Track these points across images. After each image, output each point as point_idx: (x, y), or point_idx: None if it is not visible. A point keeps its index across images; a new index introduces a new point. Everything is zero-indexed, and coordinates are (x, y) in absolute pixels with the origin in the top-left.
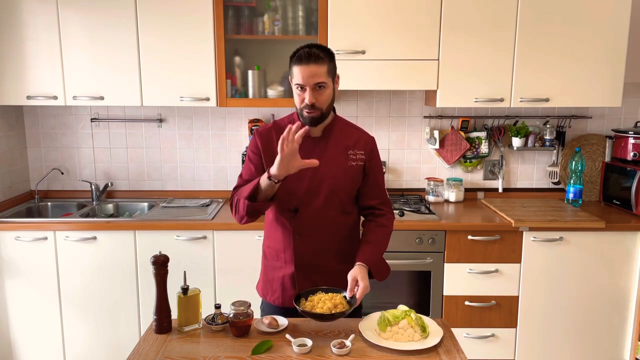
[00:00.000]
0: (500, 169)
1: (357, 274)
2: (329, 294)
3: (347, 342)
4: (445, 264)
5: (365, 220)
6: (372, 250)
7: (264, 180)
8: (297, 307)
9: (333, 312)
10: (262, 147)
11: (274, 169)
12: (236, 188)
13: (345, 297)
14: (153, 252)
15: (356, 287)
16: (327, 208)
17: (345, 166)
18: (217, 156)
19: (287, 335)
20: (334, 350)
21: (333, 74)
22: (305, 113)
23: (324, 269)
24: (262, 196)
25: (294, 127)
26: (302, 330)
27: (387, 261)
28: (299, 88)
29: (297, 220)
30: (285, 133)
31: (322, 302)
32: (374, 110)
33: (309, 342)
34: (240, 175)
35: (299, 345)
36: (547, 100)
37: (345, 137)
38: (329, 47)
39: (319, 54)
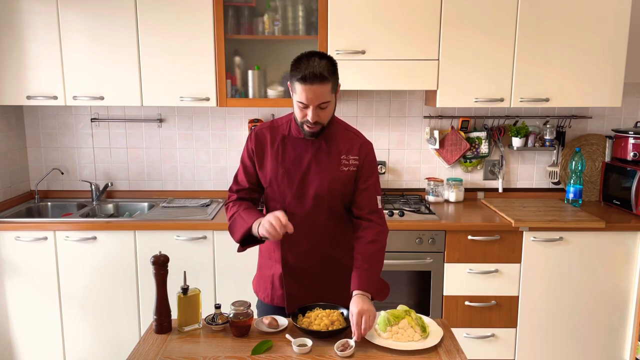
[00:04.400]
0: (500, 169)
1: (359, 307)
2: (326, 310)
3: (351, 343)
4: (445, 264)
5: (354, 237)
6: (367, 273)
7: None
8: (294, 323)
9: (330, 329)
10: (255, 149)
11: (261, 230)
12: (232, 190)
13: (342, 313)
14: (153, 252)
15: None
16: (315, 212)
17: (337, 171)
18: (217, 156)
19: (287, 335)
20: (338, 352)
21: (336, 88)
22: (306, 128)
23: (311, 271)
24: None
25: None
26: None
27: (387, 261)
28: (302, 105)
29: None
30: (276, 228)
31: (319, 318)
32: (374, 110)
33: (309, 342)
34: (235, 177)
35: (299, 345)
36: (547, 100)
37: (340, 141)
38: (325, 52)
39: (323, 74)
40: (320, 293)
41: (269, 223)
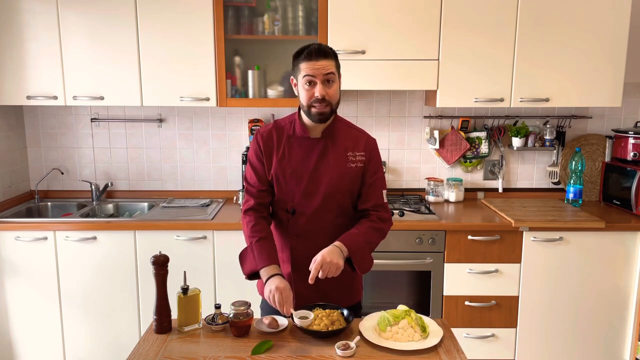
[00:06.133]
0: (500, 169)
1: (324, 254)
2: (327, 310)
3: (352, 344)
4: (445, 264)
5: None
6: (352, 236)
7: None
8: (294, 323)
9: (330, 329)
10: (263, 150)
11: (265, 291)
12: (248, 192)
13: (342, 313)
14: (153, 252)
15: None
16: (324, 210)
17: (344, 168)
18: (217, 156)
19: (291, 310)
20: (339, 352)
21: (339, 70)
22: (314, 109)
23: None
24: None
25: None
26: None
27: (387, 261)
28: (308, 83)
29: (294, 221)
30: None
31: (319, 318)
32: (374, 110)
33: (311, 315)
34: (246, 179)
35: (300, 318)
36: (547, 100)
37: (345, 138)
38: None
39: (327, 50)
40: (328, 293)
41: (271, 296)
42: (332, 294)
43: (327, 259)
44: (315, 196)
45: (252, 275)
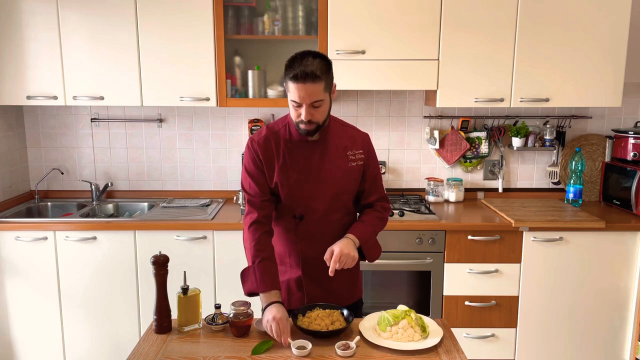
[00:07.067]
0: (500, 169)
1: (340, 247)
2: (327, 310)
3: (352, 344)
4: (445, 264)
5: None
6: (361, 227)
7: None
8: (294, 324)
9: (330, 329)
10: (263, 159)
11: (266, 312)
12: (251, 204)
13: (342, 313)
14: (153, 252)
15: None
16: (331, 211)
17: (346, 167)
18: (217, 156)
19: (289, 340)
20: (339, 352)
21: (330, 87)
22: (301, 126)
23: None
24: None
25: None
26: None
27: (388, 261)
28: (295, 104)
29: (301, 226)
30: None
31: (320, 318)
32: (374, 110)
33: (309, 345)
34: (245, 190)
35: (298, 348)
36: (547, 100)
37: (342, 137)
38: (325, 52)
39: (315, 73)
40: (336, 291)
41: (269, 325)
42: (339, 291)
43: (344, 251)
44: (322, 199)
45: (253, 293)
